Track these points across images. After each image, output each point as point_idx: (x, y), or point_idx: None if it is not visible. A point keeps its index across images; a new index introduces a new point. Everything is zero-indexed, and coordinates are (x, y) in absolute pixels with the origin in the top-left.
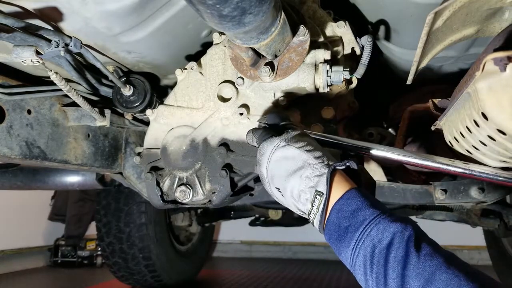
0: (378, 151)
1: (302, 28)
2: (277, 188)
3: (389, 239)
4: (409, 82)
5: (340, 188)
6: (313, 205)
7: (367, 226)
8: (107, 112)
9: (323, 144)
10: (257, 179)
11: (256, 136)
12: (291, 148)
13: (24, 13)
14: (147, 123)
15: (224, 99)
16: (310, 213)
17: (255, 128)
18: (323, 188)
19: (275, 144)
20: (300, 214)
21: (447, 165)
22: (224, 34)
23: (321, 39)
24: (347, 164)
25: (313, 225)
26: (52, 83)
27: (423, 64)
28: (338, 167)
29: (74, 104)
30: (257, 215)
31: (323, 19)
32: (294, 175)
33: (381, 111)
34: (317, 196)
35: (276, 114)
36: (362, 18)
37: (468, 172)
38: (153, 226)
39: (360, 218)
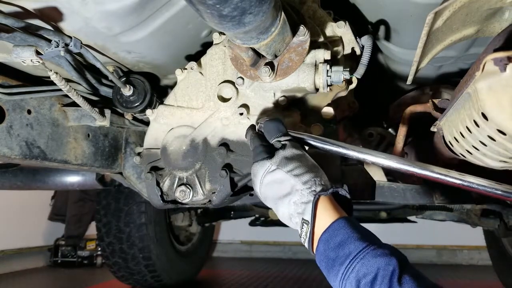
0: (376, 158)
1: (302, 28)
2: (271, 206)
3: (373, 275)
4: (409, 82)
5: (327, 217)
6: (302, 230)
7: (352, 260)
8: (107, 112)
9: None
10: None
11: (251, 146)
12: (281, 173)
13: (24, 13)
14: (147, 123)
15: (224, 99)
16: (300, 236)
17: (252, 134)
18: (308, 216)
19: (265, 168)
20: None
21: (445, 175)
22: (224, 34)
23: (321, 39)
24: (335, 190)
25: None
26: (52, 83)
27: (423, 64)
28: (323, 195)
29: (74, 104)
30: (257, 215)
31: (323, 19)
32: (283, 199)
33: (381, 111)
34: (304, 224)
35: (273, 123)
36: (362, 18)
37: (466, 184)
38: (153, 226)
39: (346, 251)
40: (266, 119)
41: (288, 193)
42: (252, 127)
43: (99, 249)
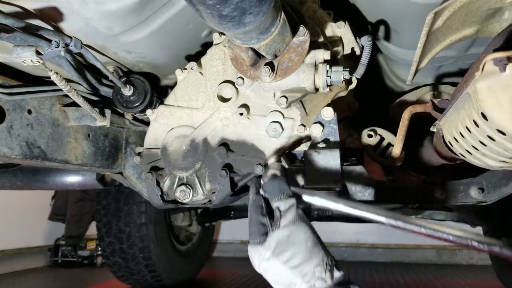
0: (379, 217)
1: (302, 28)
2: None
3: None
4: (408, 82)
5: None
6: None
7: None
8: (107, 112)
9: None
10: None
11: (249, 213)
12: (277, 263)
13: (24, 13)
14: (147, 123)
15: (224, 99)
16: None
17: (252, 199)
18: None
19: (260, 255)
20: None
21: (420, 226)
22: (224, 34)
23: (321, 39)
24: (345, 280)
25: None
26: (52, 83)
27: (423, 64)
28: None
29: (74, 104)
30: None
31: (323, 19)
32: None
33: (381, 111)
34: None
35: (275, 182)
36: (362, 18)
37: (444, 235)
38: (153, 226)
39: None
40: (269, 177)
41: (288, 286)
42: (255, 181)
43: (99, 249)
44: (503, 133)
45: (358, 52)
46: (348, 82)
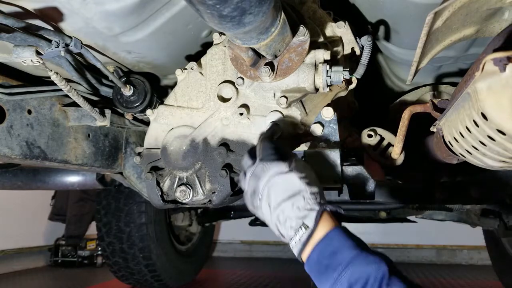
0: None
1: (302, 28)
2: (268, 205)
3: (364, 280)
4: (408, 82)
5: (324, 226)
6: (296, 233)
7: (345, 266)
8: (107, 112)
9: None
10: None
11: (262, 144)
12: (294, 176)
13: (24, 13)
14: (147, 123)
15: (224, 99)
16: (291, 240)
17: (266, 135)
18: (310, 223)
19: (280, 169)
20: (278, 235)
21: None
22: (224, 34)
23: (321, 39)
24: (336, 209)
25: (291, 249)
26: (52, 83)
27: (422, 64)
28: (328, 209)
29: (74, 104)
30: None
31: (323, 19)
32: (287, 201)
33: (381, 111)
34: (302, 227)
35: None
36: (362, 18)
37: None
38: (153, 226)
39: (339, 258)
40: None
41: (294, 195)
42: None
43: (100, 249)
44: (503, 133)
45: (358, 52)
46: (348, 82)
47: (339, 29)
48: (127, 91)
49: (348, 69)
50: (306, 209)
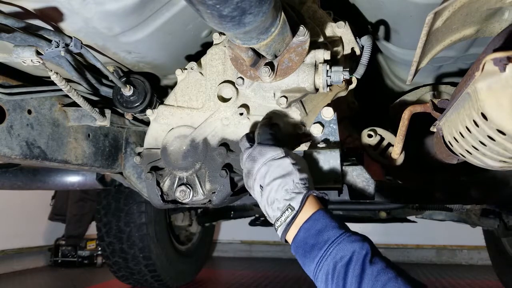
0: None
1: (302, 29)
2: (260, 186)
3: (348, 257)
4: (408, 82)
5: (309, 209)
6: (282, 215)
7: (330, 245)
8: (107, 112)
9: None
10: None
11: (260, 130)
12: (287, 161)
13: (24, 13)
14: (147, 123)
15: (224, 99)
16: (277, 221)
17: (264, 124)
18: (296, 205)
19: (277, 153)
20: (266, 216)
21: None
22: (224, 34)
23: (321, 39)
24: (322, 195)
25: (276, 231)
26: (52, 83)
27: (422, 64)
28: (314, 194)
29: (74, 104)
30: (257, 215)
31: (323, 19)
32: (277, 181)
33: (381, 111)
34: (288, 209)
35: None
36: (362, 18)
37: None
38: (153, 225)
39: (325, 237)
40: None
41: (284, 178)
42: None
43: (99, 249)
44: (503, 133)
45: (358, 52)
46: (348, 82)
47: (339, 29)
48: (127, 91)
49: (348, 69)
50: (294, 192)
